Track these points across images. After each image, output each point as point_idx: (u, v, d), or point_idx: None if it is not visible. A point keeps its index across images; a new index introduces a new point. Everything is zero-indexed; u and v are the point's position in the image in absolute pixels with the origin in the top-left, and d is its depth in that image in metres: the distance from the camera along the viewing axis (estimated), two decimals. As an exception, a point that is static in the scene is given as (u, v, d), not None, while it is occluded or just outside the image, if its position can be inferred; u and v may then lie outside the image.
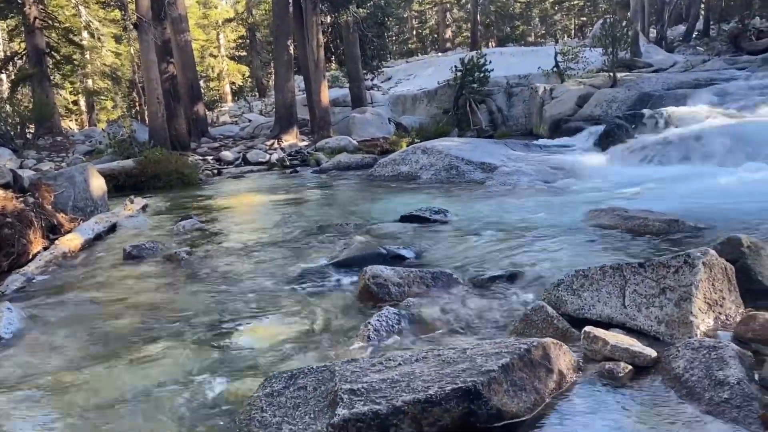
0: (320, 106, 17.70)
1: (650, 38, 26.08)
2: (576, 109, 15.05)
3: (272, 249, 5.78)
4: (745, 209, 5.45)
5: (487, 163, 9.93)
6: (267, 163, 14.98)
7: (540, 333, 2.99)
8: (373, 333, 3.28)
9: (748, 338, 2.65)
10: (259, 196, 9.96)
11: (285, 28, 17.52)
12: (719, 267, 2.94)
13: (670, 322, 2.81)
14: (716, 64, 18.07)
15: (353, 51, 20.18)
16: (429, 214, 6.42)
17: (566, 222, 5.65)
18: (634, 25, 21.79)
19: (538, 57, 22.24)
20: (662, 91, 13.68)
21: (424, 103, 20.59)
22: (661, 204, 6.00)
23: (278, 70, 18.05)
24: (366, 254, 4.84)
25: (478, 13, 36.40)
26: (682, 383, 2.36)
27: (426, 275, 4.09)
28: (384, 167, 10.88)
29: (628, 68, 18.56)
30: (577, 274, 3.22)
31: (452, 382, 2.22)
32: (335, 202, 8.94)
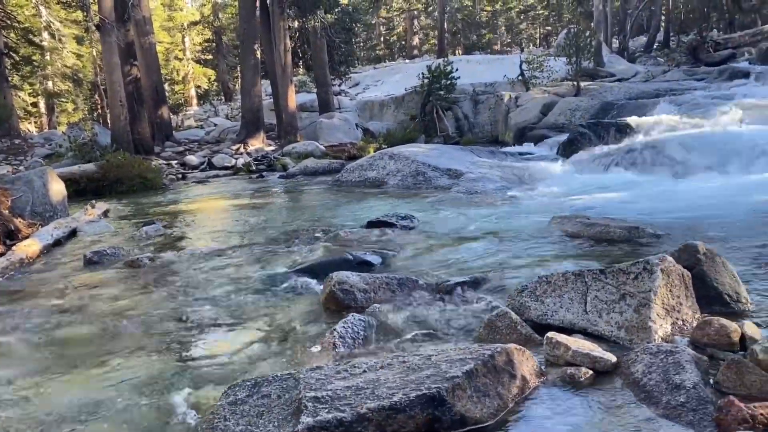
0: (287, 111, 17.62)
1: (613, 48, 26.70)
2: (540, 117, 15.29)
3: (237, 255, 5.71)
4: (702, 216, 5.61)
5: (454, 169, 10.00)
6: (233, 167, 14.84)
7: (504, 339, 3.02)
8: (338, 340, 3.27)
9: (703, 343, 2.73)
10: (225, 201, 9.85)
11: (252, 32, 17.41)
12: (676, 273, 3.02)
13: (629, 327, 2.87)
14: (676, 75, 18.58)
15: (321, 56, 20.16)
16: (396, 220, 6.43)
17: (530, 228, 5.73)
18: (597, 35, 22.29)
19: (504, 65, 22.57)
20: (624, 101, 14.00)
21: (392, 109, 20.67)
22: (622, 211, 6.13)
23: (245, 74, 17.91)
24: (332, 260, 4.82)
25: (445, 21, 36.75)
26: (640, 387, 2.42)
27: (392, 281, 4.09)
28: (351, 173, 10.88)
29: (591, 77, 18.96)
30: (540, 280, 3.27)
31: (417, 389, 2.23)
32: (301, 207, 8.90)
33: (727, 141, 8.58)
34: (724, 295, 3.15)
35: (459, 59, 26.19)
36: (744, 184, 7.20)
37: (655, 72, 20.38)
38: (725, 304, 3.13)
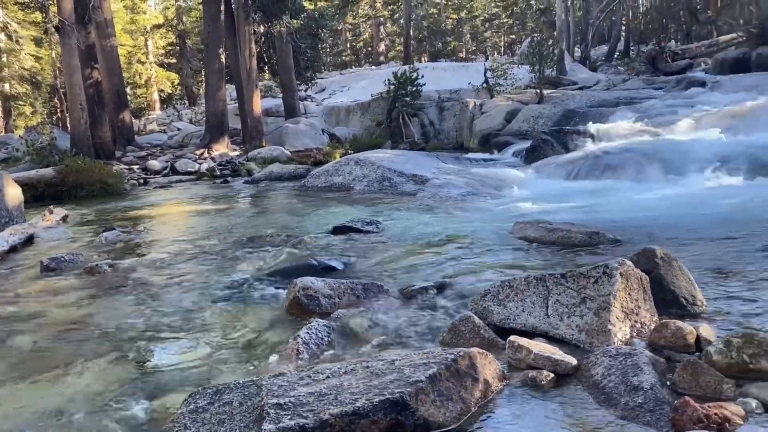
0: (252, 116, 17.48)
1: (575, 57, 27.24)
2: (505, 124, 15.48)
3: (199, 261, 5.63)
4: (660, 221, 5.75)
5: (419, 175, 10.05)
6: (196, 173, 14.64)
7: (467, 343, 3.04)
8: (302, 346, 3.24)
9: (661, 345, 2.79)
10: (187, 206, 9.71)
11: (216, 36, 17.24)
12: (635, 277, 3.08)
13: (589, 330, 2.92)
14: (635, 84, 19.03)
15: (287, 61, 20.07)
16: (361, 225, 6.43)
17: (494, 233, 5.79)
18: (560, 44, 22.73)
19: (469, 72, 22.81)
20: (586, 108, 14.28)
21: (358, 115, 20.68)
22: (583, 217, 6.24)
23: (209, 79, 17.72)
24: (296, 266, 4.80)
25: (411, 28, 36.99)
26: (600, 389, 2.46)
27: (357, 286, 4.09)
28: (317, 178, 10.84)
29: (554, 85, 19.29)
30: (503, 284, 3.30)
31: (380, 394, 2.23)
32: (266, 213, 8.82)
33: (684, 148, 8.83)
34: (680, 298, 3.22)
35: (425, 66, 26.36)
36: (700, 189, 7.41)
37: (616, 80, 20.84)
38: (682, 307, 3.21)
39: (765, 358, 2.46)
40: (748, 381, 2.41)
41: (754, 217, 5.57)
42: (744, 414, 2.18)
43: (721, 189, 7.28)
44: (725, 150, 8.45)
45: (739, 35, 22.13)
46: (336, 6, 37.80)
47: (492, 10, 45.60)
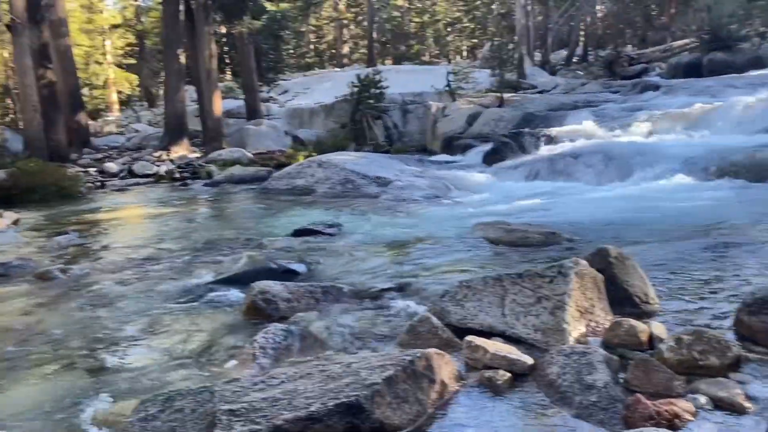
0: (213, 117, 17.23)
1: (535, 61, 27.64)
2: (466, 127, 15.60)
3: (156, 266, 5.52)
4: (616, 221, 5.86)
5: (382, 177, 10.05)
6: (155, 175, 14.34)
7: (425, 344, 3.03)
8: (258, 351, 3.19)
9: (615, 343, 2.83)
10: (145, 209, 9.51)
11: (176, 37, 16.95)
12: (590, 276, 3.12)
13: (545, 329, 2.94)
14: (593, 88, 19.39)
15: (248, 62, 19.85)
16: (323, 228, 6.40)
17: (454, 234, 5.82)
18: (520, 48, 23.04)
19: (432, 76, 22.90)
20: (545, 112, 14.49)
21: (322, 117, 20.58)
22: (541, 217, 6.33)
23: (168, 80, 17.41)
24: (255, 269, 4.73)
25: (374, 31, 37.01)
26: (555, 388, 2.48)
27: (316, 289, 4.05)
28: (279, 180, 10.74)
29: (514, 89, 19.52)
30: (460, 285, 3.31)
31: (335, 398, 2.20)
32: (226, 216, 8.70)
33: (639, 150, 9.04)
34: (634, 297, 3.28)
35: (388, 69, 26.41)
36: (654, 190, 7.59)
37: (575, 84, 21.21)
38: (635, 305, 3.26)
39: (714, 354, 2.52)
40: (698, 377, 2.46)
41: (705, 216, 5.72)
42: (694, 410, 2.22)
43: (674, 189, 7.47)
44: (678, 152, 8.67)
45: (692, 41, 22.80)
46: (299, 7, 37.58)
47: (454, 15, 45.93)
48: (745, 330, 2.85)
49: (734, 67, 18.21)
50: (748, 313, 2.85)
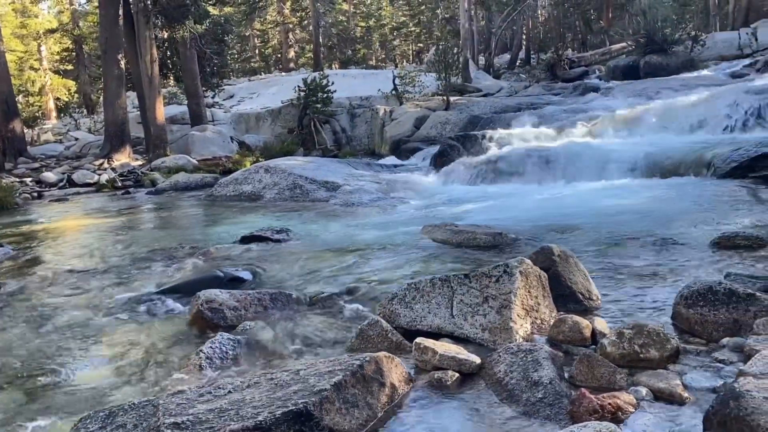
0: (155, 124, 16.81)
1: (479, 65, 28.09)
2: (414, 130, 15.72)
3: (97, 277, 5.33)
4: (560, 220, 5.99)
5: (331, 181, 10.01)
6: (96, 184, 13.88)
7: (375, 347, 3.02)
8: (205, 361, 3.12)
9: (559, 340, 2.89)
10: (85, 220, 9.18)
11: (115, 42, 16.47)
12: (534, 275, 3.18)
13: (492, 328, 2.98)
14: (536, 90, 19.85)
15: (191, 67, 19.45)
16: (270, 234, 6.31)
17: (403, 237, 5.84)
18: (464, 52, 23.37)
19: (379, 80, 23.00)
20: (490, 114, 14.73)
21: (269, 122, 20.36)
22: (488, 218, 6.42)
23: (108, 86, 16.88)
24: (201, 278, 4.63)
25: (320, 35, 36.94)
26: (503, 386, 2.51)
27: (264, 297, 3.99)
28: (225, 187, 10.56)
29: (460, 92, 19.77)
30: (409, 287, 3.32)
31: (283, 406, 2.17)
32: (171, 224, 8.48)
33: (580, 151, 9.28)
34: (577, 294, 3.36)
35: (335, 73, 26.37)
36: (595, 190, 7.81)
37: (518, 87, 21.67)
38: (578, 301, 3.34)
39: (654, 347, 2.60)
40: (639, 370, 2.54)
41: (644, 214, 5.92)
42: (635, 402, 2.28)
43: (615, 188, 7.70)
44: (619, 152, 8.94)
45: (629, 44, 23.59)
46: (243, 12, 37.14)
47: (400, 19, 46.30)
48: (683, 322, 2.96)
49: (669, 69, 18.97)
50: (685, 305, 2.96)
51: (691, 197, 6.64)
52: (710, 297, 2.89)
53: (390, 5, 46.89)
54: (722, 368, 2.50)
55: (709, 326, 2.84)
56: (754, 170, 7.31)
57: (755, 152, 7.49)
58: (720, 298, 2.87)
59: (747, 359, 2.41)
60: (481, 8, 31.82)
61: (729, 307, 2.84)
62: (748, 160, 7.43)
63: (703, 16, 34.67)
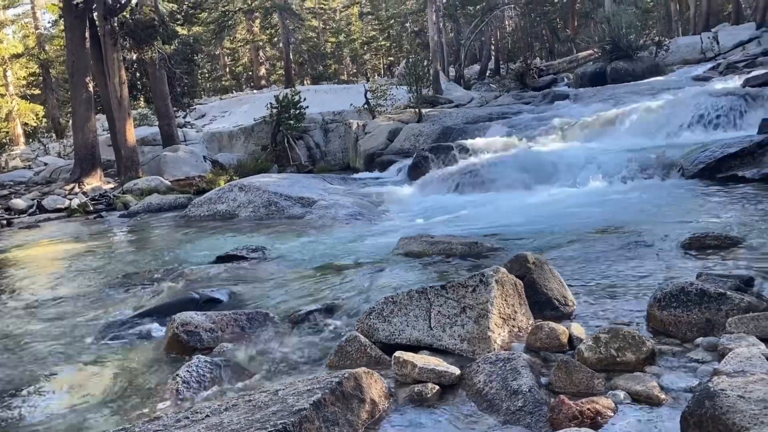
0: (126, 146, 16.63)
1: (450, 77, 28.35)
2: (387, 143, 15.78)
3: (70, 303, 5.23)
4: (534, 227, 6.05)
5: (306, 197, 9.98)
6: (67, 209, 13.65)
7: (354, 363, 3.01)
8: (182, 386, 3.07)
9: (537, 347, 2.90)
10: (57, 246, 9.01)
11: (82, 65, 16.29)
12: (510, 283, 3.19)
13: (471, 339, 2.98)
14: (506, 100, 20.07)
15: (161, 88, 19.32)
16: (246, 253, 6.27)
17: (380, 251, 5.83)
18: (434, 64, 23.57)
19: (351, 94, 23.09)
20: (462, 125, 14.86)
21: (242, 140, 20.28)
22: (463, 228, 6.46)
23: (77, 109, 16.66)
24: (176, 301, 4.57)
25: (290, 52, 36.95)
26: (483, 396, 2.50)
27: (241, 317, 3.95)
28: (199, 207, 10.46)
29: (431, 104, 19.93)
30: (386, 300, 3.30)
31: (262, 428, 2.14)
32: (145, 247, 8.37)
33: (552, 157, 9.40)
34: (553, 300, 3.38)
35: (307, 89, 26.41)
36: (568, 195, 7.91)
37: (489, 97, 21.90)
38: (554, 308, 3.36)
39: (630, 350, 2.62)
40: (616, 373, 2.56)
41: (617, 217, 6.00)
42: (614, 406, 2.30)
43: (586, 194, 7.80)
44: (589, 157, 9.08)
45: (595, 51, 24.01)
46: (212, 31, 37.04)
47: (369, 34, 46.57)
48: (657, 324, 2.99)
49: (635, 74, 19.35)
50: (658, 307, 3.00)
51: (661, 199, 6.76)
52: (683, 298, 2.93)
53: (359, 20, 47.18)
54: (697, 368, 2.53)
55: (683, 327, 2.88)
56: (721, 170, 7.48)
57: (720, 153, 7.66)
58: (692, 299, 2.91)
59: (721, 358, 2.44)
60: (449, 20, 32.19)
61: (701, 307, 2.88)
62: (714, 162, 7.59)
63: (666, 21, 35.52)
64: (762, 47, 20.25)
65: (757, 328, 2.65)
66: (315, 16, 45.87)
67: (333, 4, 48.24)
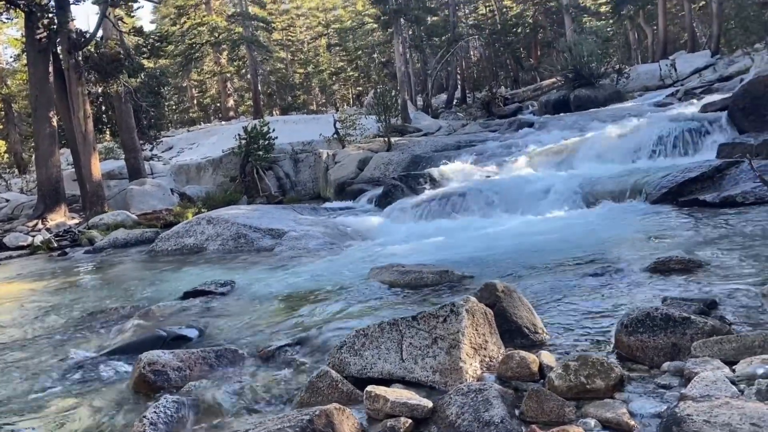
0: (91, 180, 16.37)
1: (418, 106, 28.75)
2: (358, 172, 15.85)
3: (32, 345, 5.07)
4: (503, 254, 6.10)
5: (276, 229, 9.92)
6: (30, 246, 13.33)
7: (326, 399, 2.96)
8: (149, 428, 2.98)
9: (508, 376, 2.90)
10: (18, 285, 8.76)
11: (45, 99, 16.08)
12: (480, 312, 3.20)
13: (443, 370, 2.97)
14: (474, 128, 20.40)
15: (127, 121, 19.16)
16: (215, 288, 6.17)
17: (351, 281, 5.80)
18: (401, 94, 23.89)
19: (320, 124, 23.19)
20: (431, 153, 15.03)
21: (210, 172, 20.17)
22: (434, 256, 6.47)
23: (40, 144, 16.39)
24: (143, 339, 4.46)
25: (258, 83, 37.08)
26: (456, 429, 2.49)
27: (209, 355, 3.87)
28: (167, 241, 10.31)
29: (400, 133, 20.15)
30: (357, 333, 3.28)
31: (231, 471, 2.09)
32: (111, 284, 8.19)
33: (519, 184, 9.55)
34: (523, 328, 3.40)
35: (276, 119, 26.46)
36: (535, 221, 8.02)
37: (456, 126, 22.23)
38: (525, 336, 3.38)
39: (599, 377, 2.64)
40: (587, 401, 2.57)
41: (581, 244, 6.08)
42: (585, 434, 2.30)
43: (552, 220, 7.92)
44: (555, 184, 9.23)
45: (558, 79, 24.66)
46: (179, 63, 37.01)
47: (338, 64, 47.06)
48: (624, 349, 3.02)
49: (597, 101, 19.89)
50: (625, 333, 3.03)
51: (626, 224, 6.89)
52: (648, 323, 2.97)
53: (327, 52, 47.67)
54: (665, 393, 2.55)
55: (650, 352, 2.91)
56: (683, 195, 7.67)
57: (682, 178, 7.87)
58: (658, 324, 2.96)
59: (687, 382, 2.48)
60: (416, 51, 32.74)
61: (667, 331, 2.92)
62: (676, 186, 7.79)
63: (625, 49, 36.68)
64: (717, 74, 21.03)
65: (721, 351, 2.70)
66: (283, 47, 46.21)
67: (300, 36, 48.71)
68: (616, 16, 32.95)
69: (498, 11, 37.65)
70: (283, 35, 46.22)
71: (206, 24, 37.14)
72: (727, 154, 8.83)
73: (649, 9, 32.18)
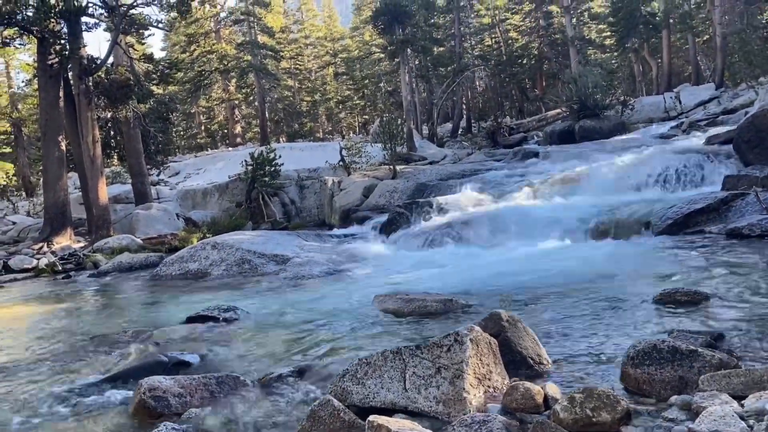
0: (98, 204, 16.45)
1: (423, 134, 28.91)
2: (363, 199, 15.86)
3: (34, 368, 5.04)
4: (507, 283, 6.07)
5: (280, 254, 9.91)
6: (35, 269, 13.33)
7: (327, 428, 2.92)
8: (148, 455, 2.95)
9: (513, 408, 2.86)
10: (21, 308, 8.75)
11: (55, 124, 16.25)
12: (485, 342, 3.17)
13: (446, 400, 2.93)
14: (479, 157, 20.44)
15: (135, 146, 19.32)
16: (218, 313, 6.14)
17: (355, 309, 5.78)
18: (407, 122, 24.06)
19: (326, 152, 23.33)
20: (436, 181, 15.04)
21: (216, 197, 20.22)
22: (438, 284, 6.44)
23: (48, 168, 16.52)
24: (144, 364, 4.44)
25: (266, 110, 37.43)
26: (459, 461, 2.45)
27: (210, 381, 3.84)
28: (171, 266, 10.30)
29: (406, 161, 20.21)
30: (360, 362, 3.25)
31: (230, 500, 2.05)
32: (113, 308, 8.17)
33: (523, 214, 9.53)
34: (528, 359, 3.36)
35: (282, 146, 26.64)
36: (540, 251, 7.98)
37: (461, 154, 22.30)
38: (529, 366, 3.34)
39: (605, 410, 2.60)
40: (593, 434, 2.52)
41: (587, 274, 6.05)
42: (591, 468, 2.26)
43: (556, 250, 7.89)
44: (560, 214, 9.22)
45: (563, 110, 24.77)
46: (187, 90, 37.43)
47: (344, 93, 47.50)
48: (631, 382, 2.98)
49: (601, 132, 19.93)
50: (632, 365, 3.00)
51: (632, 256, 6.86)
52: (655, 355, 2.93)
53: (334, 80, 48.17)
54: (672, 427, 2.51)
55: (657, 385, 2.87)
56: (688, 226, 7.65)
57: (687, 209, 7.85)
58: (665, 356, 2.92)
59: (695, 417, 2.44)
60: (422, 81, 33.05)
61: (674, 364, 2.89)
62: (682, 218, 7.77)
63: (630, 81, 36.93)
64: (722, 106, 21.11)
65: (729, 385, 2.66)
66: (291, 76, 46.71)
67: (308, 65, 49.26)
68: (620, 48, 33.26)
69: (504, 43, 38.07)
70: (291, 64, 46.75)
71: (215, 52, 37.64)
72: (732, 186, 8.81)
73: (653, 42, 32.49)
